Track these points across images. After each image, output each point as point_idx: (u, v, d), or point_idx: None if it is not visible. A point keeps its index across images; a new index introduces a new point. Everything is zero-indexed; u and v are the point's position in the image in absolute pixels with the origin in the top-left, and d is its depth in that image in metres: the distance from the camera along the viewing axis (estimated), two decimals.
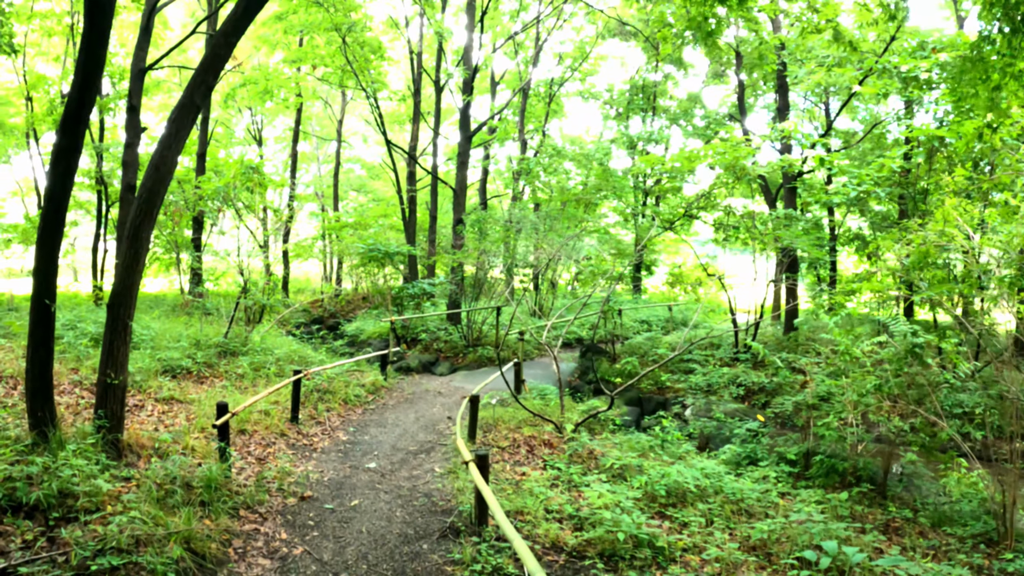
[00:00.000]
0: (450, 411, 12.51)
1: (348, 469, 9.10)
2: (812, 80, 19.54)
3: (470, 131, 20.20)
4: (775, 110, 28.69)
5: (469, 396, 10.05)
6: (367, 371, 14.86)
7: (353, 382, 13.49)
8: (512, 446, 10.19)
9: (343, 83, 24.30)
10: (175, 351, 13.03)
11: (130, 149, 15.40)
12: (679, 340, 18.55)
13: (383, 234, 24.77)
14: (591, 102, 34.68)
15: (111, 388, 7.98)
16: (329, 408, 11.94)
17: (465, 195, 19.76)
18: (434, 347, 18.35)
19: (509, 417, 11.50)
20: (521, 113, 27.13)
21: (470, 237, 20.31)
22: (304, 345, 16.65)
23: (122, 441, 8.13)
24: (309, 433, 10.55)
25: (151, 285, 28.07)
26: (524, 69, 29.00)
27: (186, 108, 8.25)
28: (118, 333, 8.05)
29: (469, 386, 14.62)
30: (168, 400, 10.92)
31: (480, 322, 18.60)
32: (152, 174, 8.12)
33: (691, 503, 8.34)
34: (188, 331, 14.86)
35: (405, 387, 14.52)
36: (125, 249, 8.05)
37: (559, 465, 9.29)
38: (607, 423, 12.19)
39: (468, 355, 17.67)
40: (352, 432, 10.95)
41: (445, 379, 15.69)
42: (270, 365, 13.24)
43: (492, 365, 17.22)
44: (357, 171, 39.88)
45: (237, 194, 20.34)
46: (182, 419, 10.10)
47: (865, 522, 8.59)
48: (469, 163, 20.20)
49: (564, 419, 11.21)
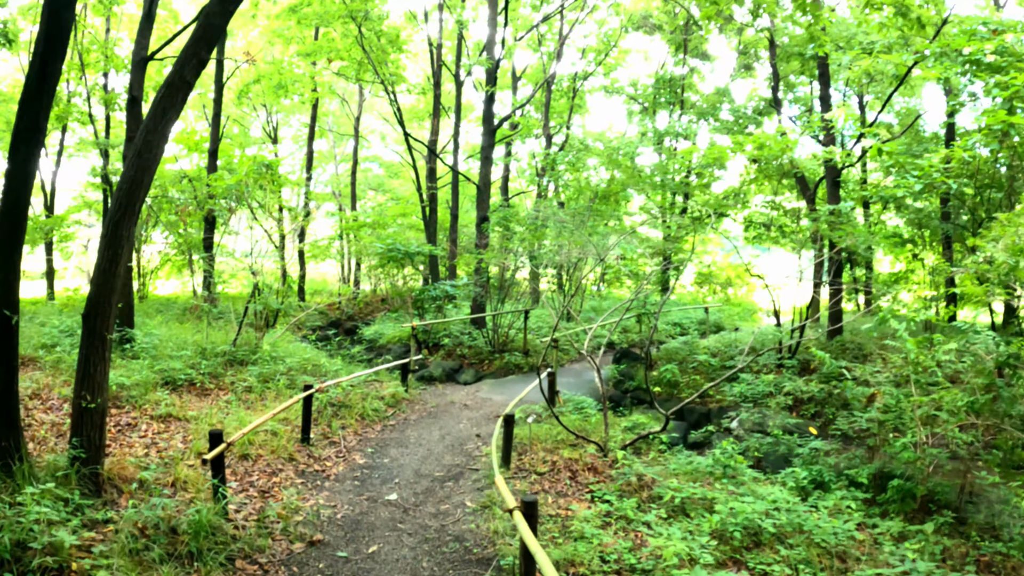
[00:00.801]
0: (478, 427, 11.19)
1: (365, 502, 7.77)
2: (860, 67, 18.06)
3: (493, 124, 18.86)
4: (812, 102, 27.24)
5: (503, 416, 8.69)
6: (386, 381, 13.56)
7: (371, 394, 12.18)
8: (552, 471, 8.84)
9: (360, 77, 23.04)
10: (177, 361, 11.78)
11: (132, 143, 14.14)
12: (718, 345, 17.18)
13: (402, 234, 23.50)
14: (614, 98, 33.26)
15: (88, 413, 6.71)
16: (344, 425, 10.63)
17: (489, 192, 18.41)
18: (457, 353, 17.03)
19: (545, 435, 10.16)
20: (545, 107, 25.76)
21: (495, 236, 18.95)
22: (319, 352, 15.36)
23: (101, 474, 6.86)
24: (322, 456, 9.24)
25: (164, 287, 26.89)
26: (547, 61, 27.64)
27: (175, 86, 6.97)
28: (95, 348, 6.77)
29: (497, 397, 13.29)
30: (165, 418, 9.65)
31: (506, 326, 17.26)
32: (134, 162, 6.84)
33: (769, 545, 6.96)
34: (195, 337, 13.63)
35: (428, 399, 13.19)
36: (102, 249, 6.77)
37: (609, 497, 7.92)
38: (654, 441, 10.81)
39: (494, 361, 16.33)
40: (370, 453, 9.63)
41: (470, 389, 14.34)
42: (280, 376, 11.95)
43: (520, 373, 15.89)
44: (375, 170, 38.61)
45: (251, 193, 19.09)
46: (178, 441, 8.83)
47: (953, 558, 7.21)
48: (492, 159, 18.86)
49: (607, 438, 9.83)
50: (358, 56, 22.02)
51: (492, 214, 18.98)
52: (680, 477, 8.72)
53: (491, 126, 18.70)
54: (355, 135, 30.31)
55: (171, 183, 21.22)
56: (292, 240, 28.33)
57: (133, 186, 6.77)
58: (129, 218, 6.78)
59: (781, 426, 11.77)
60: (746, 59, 31.67)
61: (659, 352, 17.10)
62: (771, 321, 26.91)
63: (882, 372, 12.25)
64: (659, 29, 32.06)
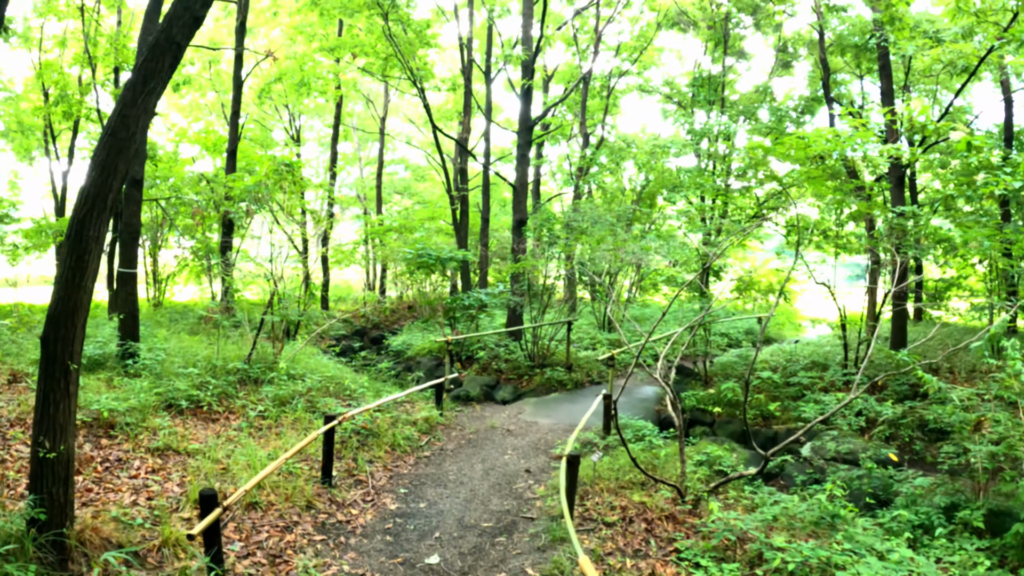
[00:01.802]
0: (525, 458, 9.55)
1: (401, 568, 6.16)
2: (931, 56, 16.35)
3: (530, 120, 17.22)
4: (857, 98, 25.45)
5: (565, 456, 7.02)
6: (418, 401, 11.95)
7: (402, 418, 10.57)
8: (623, 521, 7.19)
9: (386, 73, 21.48)
10: (183, 380, 10.22)
11: None
12: (777, 358, 15.50)
13: (430, 238, 21.90)
14: (646, 99, 31.72)
15: (47, 464, 5.15)
16: (372, 458, 9.01)
17: (526, 193, 16.78)
18: (493, 367, 15.39)
19: (606, 470, 8.52)
20: (582, 104, 24.08)
21: (534, 240, 17.30)
22: (342, 368, 13.79)
23: (68, 540, 5.29)
24: (346, 501, 7.63)
25: (183, 293, 25.40)
26: (583, 52, 25.91)
27: (160, 48, 5.44)
28: (56, 381, 5.21)
29: (543, 420, 11.65)
30: (162, 452, 8.10)
31: (546, 338, 15.62)
32: (106, 142, 5.30)
33: None
34: (207, 351, 12.09)
35: (465, 422, 11.55)
36: (65, 255, 5.21)
37: (702, 561, 6.25)
38: (729, 470, 9.13)
39: (534, 377, 14.68)
40: (403, 496, 8.02)
41: (511, 410, 12.69)
42: (298, 399, 10.34)
43: (563, 390, 14.23)
44: (401, 173, 37.06)
45: (270, 195, 17.58)
46: (174, 483, 7.27)
47: None
48: (529, 157, 17.21)
49: (684, 477, 8.15)
50: (383, 52, 20.50)
51: (532, 217, 17.35)
52: (780, 530, 7.04)
53: (528, 122, 17.07)
54: (381, 136, 28.80)
55: (187, 185, 19.75)
56: (315, 245, 26.88)
57: (104, 174, 5.22)
58: (99, 215, 5.22)
59: (872, 456, 10.08)
60: (785, 57, 30.00)
61: (712, 367, 15.41)
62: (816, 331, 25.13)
63: (984, 393, 10.53)
64: (694, 26, 30.42)
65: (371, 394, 11.51)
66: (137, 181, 12.45)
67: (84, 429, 8.27)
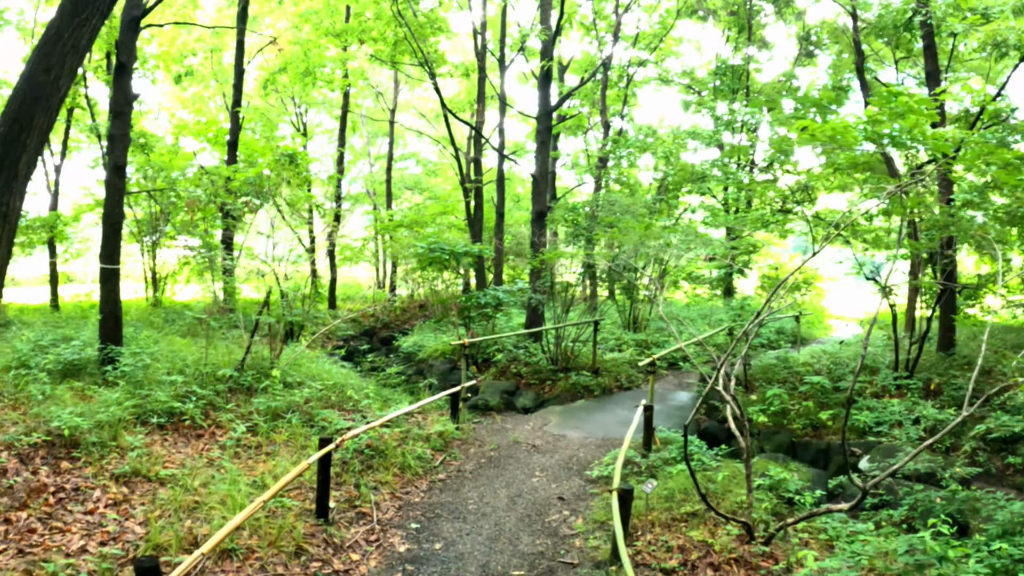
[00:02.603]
0: (556, 481, 8.14)
1: None
2: (984, 32, 14.87)
3: (550, 104, 15.77)
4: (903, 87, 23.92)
5: (616, 491, 5.61)
6: (431, 412, 10.55)
7: (413, 432, 9.17)
8: (684, 567, 5.79)
9: (395, 59, 20.08)
10: (165, 389, 8.86)
11: (119, 119, 11.26)
12: (820, 361, 14.07)
13: (442, 234, 20.49)
14: (663, 91, 30.20)
15: None
16: (378, 483, 7.61)
17: (547, 182, 15.36)
18: (512, 371, 13.96)
19: (656, 499, 7.11)
20: (602, 91, 22.62)
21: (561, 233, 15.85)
22: (347, 372, 12.40)
23: None
24: (345, 541, 6.24)
25: (183, 292, 24.02)
26: (601, 40, 24.45)
27: None
28: None
29: (572, 433, 10.23)
30: (129, 479, 6.76)
31: (569, 339, 14.19)
32: (21, 90, 3.91)
33: None
34: (200, 354, 10.74)
35: (484, 436, 10.12)
36: None
37: None
38: (799, 499, 7.71)
39: (557, 382, 13.25)
40: (414, 532, 6.62)
41: (535, 420, 11.24)
42: (293, 411, 8.95)
43: (589, 396, 12.80)
44: (412, 169, 35.60)
45: (273, 188, 16.22)
46: (136, 522, 5.90)
47: None
48: (549, 144, 15.76)
49: (749, 507, 6.73)
50: (392, 37, 19.14)
51: (556, 206, 15.90)
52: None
53: (547, 107, 15.63)
54: (390, 129, 27.44)
55: (187, 177, 18.39)
56: (323, 241, 25.54)
57: (14, 130, 3.83)
58: (6, 184, 3.84)
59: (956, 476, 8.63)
60: (808, 45, 28.59)
61: (751, 369, 13.96)
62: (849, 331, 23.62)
63: None
64: (713, 14, 29.02)
65: (378, 404, 10.14)
66: (119, 167, 11.12)
67: (43, 450, 6.95)
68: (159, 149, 20.54)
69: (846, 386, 12.20)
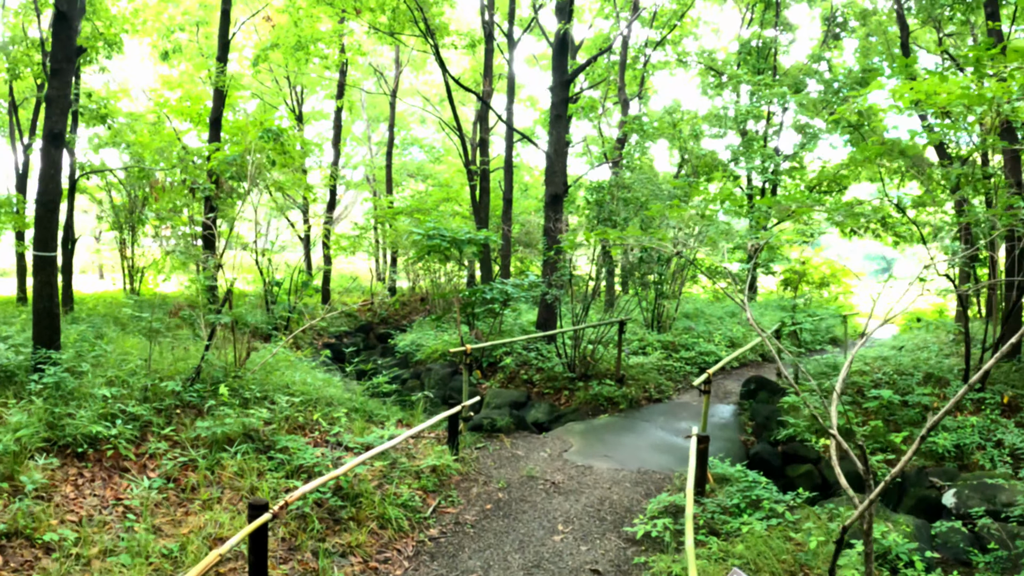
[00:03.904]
0: (586, 540, 6.06)
1: None
2: None
3: (566, 73, 13.62)
4: None
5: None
6: (425, 436, 8.47)
7: (400, 463, 7.10)
8: None
9: (395, 30, 17.94)
10: (92, 405, 6.80)
11: (57, 78, 9.17)
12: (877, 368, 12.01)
13: (445, 221, 18.40)
14: (679, 76, 28.10)
15: None
16: (347, 549, 5.53)
17: (564, 160, 13.19)
18: (522, 377, 11.86)
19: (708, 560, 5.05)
20: (621, 66, 20.40)
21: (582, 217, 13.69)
22: (331, 379, 10.32)
23: None
24: None
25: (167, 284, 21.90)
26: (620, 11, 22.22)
27: None
28: None
29: (599, 464, 8.11)
30: (5, 543, 4.70)
31: (586, 340, 12.09)
32: None
33: None
34: (161, 359, 8.70)
35: (490, 468, 7.99)
36: None
37: None
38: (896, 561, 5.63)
39: (575, 392, 11.13)
40: None
41: (551, 443, 9.08)
42: (249, 437, 6.86)
43: (614, 411, 10.67)
44: (415, 154, 33.37)
45: (259, 169, 14.14)
46: None
47: None
48: (565, 118, 13.57)
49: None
50: (391, 3, 17.01)
51: (587, 188, 13.73)
52: None
53: (564, 75, 13.50)
54: (391, 111, 25.28)
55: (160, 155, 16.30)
56: (317, 230, 23.48)
57: None
58: None
59: None
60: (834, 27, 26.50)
61: (803, 377, 11.86)
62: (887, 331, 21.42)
63: None
64: None
65: (359, 424, 8.08)
66: (56, 136, 9.03)
67: None
68: (140, 131, 18.56)
69: (914, 400, 10.13)
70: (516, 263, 24.33)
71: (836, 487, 8.73)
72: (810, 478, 8.91)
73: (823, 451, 9.30)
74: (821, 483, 8.86)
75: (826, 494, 8.36)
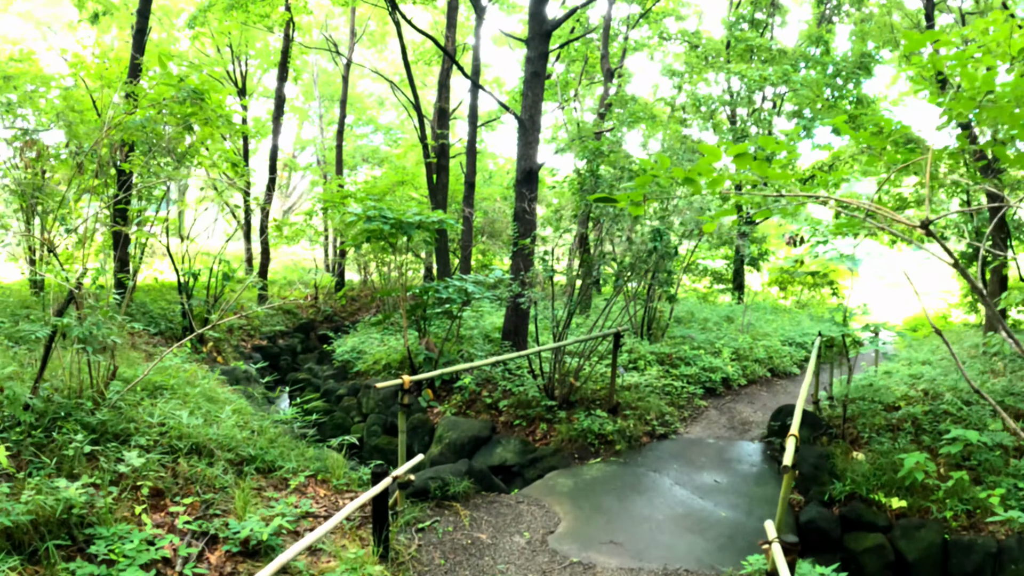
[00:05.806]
0: None
1: None
2: None
3: (546, 22, 10.75)
4: None
5: None
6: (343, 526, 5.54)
7: None
8: None
9: None
10: None
11: None
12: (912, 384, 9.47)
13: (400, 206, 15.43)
14: (658, 57, 25.30)
15: None
16: None
17: (538, 131, 10.28)
18: (484, 400, 8.98)
19: None
20: (604, 31, 17.57)
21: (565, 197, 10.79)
22: (219, 409, 7.26)
23: None
24: None
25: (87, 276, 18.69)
26: None
27: None
28: None
29: (603, 557, 5.22)
30: None
31: (570, 355, 9.25)
32: None
33: None
34: None
35: (438, 570, 5.04)
36: None
37: None
38: None
39: (556, 424, 8.24)
40: None
41: (530, 517, 6.09)
42: (29, 545, 3.89)
43: (609, 453, 7.81)
44: (373, 140, 30.11)
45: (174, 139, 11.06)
46: None
47: None
48: (543, 76, 10.63)
49: None
50: None
51: (578, 151, 10.85)
52: None
53: (542, 24, 10.62)
54: (344, 83, 22.13)
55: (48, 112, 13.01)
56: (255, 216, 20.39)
57: None
58: None
59: None
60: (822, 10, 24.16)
61: (835, 404, 9.12)
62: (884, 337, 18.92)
63: None
64: None
65: (248, 485, 5.17)
66: None
67: None
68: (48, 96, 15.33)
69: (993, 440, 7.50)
70: (478, 256, 21.42)
71: (917, 568, 6.14)
72: (880, 555, 6.24)
73: (895, 514, 6.61)
74: (895, 560, 6.24)
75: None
